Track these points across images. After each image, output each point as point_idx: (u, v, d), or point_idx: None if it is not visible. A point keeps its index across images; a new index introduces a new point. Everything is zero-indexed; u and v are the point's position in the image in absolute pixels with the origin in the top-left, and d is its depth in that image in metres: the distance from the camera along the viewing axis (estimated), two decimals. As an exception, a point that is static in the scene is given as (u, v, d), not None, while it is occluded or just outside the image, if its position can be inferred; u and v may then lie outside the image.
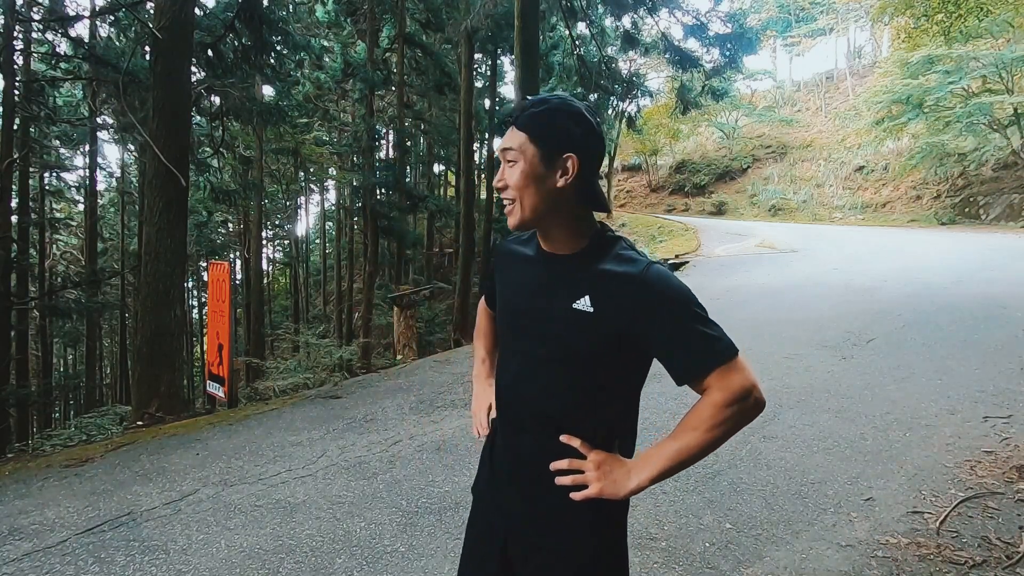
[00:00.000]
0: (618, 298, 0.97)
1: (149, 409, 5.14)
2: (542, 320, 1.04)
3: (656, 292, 0.96)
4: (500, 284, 1.19)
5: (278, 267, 30.14)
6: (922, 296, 7.04)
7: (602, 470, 1.00)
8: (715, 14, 10.87)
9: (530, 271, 1.10)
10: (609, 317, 0.98)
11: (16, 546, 2.59)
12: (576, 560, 1.04)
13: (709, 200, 28.69)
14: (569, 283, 1.02)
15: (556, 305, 1.02)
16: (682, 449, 0.98)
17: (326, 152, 18.81)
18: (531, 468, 1.06)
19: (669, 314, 0.96)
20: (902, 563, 2.25)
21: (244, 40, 8.26)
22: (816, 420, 3.69)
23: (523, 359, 1.08)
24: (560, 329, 1.01)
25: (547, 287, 1.05)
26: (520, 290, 1.11)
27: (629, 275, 0.98)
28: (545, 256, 1.08)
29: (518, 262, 1.15)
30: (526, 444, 1.08)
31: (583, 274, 1.02)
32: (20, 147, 9.28)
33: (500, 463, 1.15)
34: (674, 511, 2.67)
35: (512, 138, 1.01)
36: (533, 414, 1.06)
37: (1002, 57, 15.82)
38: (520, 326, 1.09)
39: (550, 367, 1.04)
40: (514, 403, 1.10)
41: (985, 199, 18.33)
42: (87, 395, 16.66)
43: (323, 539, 2.55)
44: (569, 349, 1.01)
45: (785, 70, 41.38)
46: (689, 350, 0.96)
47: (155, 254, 5.45)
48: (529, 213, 1.02)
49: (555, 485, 1.02)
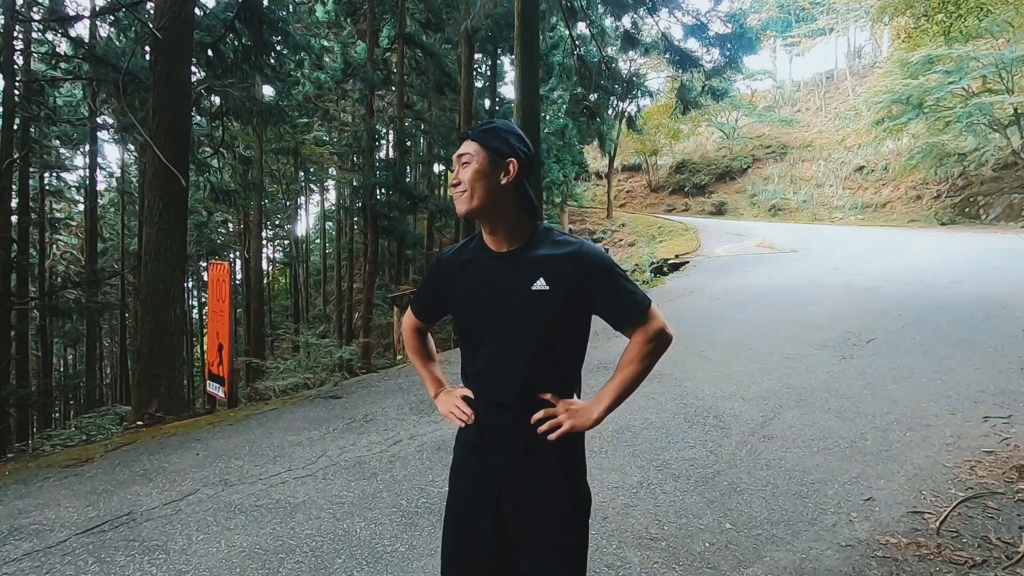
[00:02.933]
0: (565, 272, 1.25)
1: (149, 409, 5.14)
2: (509, 307, 1.27)
3: (592, 262, 1.27)
4: (452, 291, 1.38)
5: (278, 267, 30.12)
6: (922, 296, 7.04)
7: (570, 411, 1.28)
8: (715, 14, 10.87)
9: (484, 270, 1.32)
10: (561, 289, 1.25)
11: (16, 546, 2.59)
12: (557, 502, 1.30)
13: (709, 200, 28.69)
14: (523, 271, 1.27)
15: (518, 292, 1.26)
16: (623, 381, 1.30)
17: (326, 152, 18.82)
18: (515, 432, 1.29)
19: (604, 278, 1.27)
20: (902, 563, 2.25)
21: (244, 40, 8.26)
22: (816, 420, 3.69)
23: (496, 344, 1.29)
24: (526, 310, 1.26)
25: (505, 279, 1.28)
26: (480, 288, 1.31)
27: (570, 253, 1.27)
28: (494, 255, 1.32)
29: (465, 268, 1.36)
30: (508, 413, 1.29)
31: (533, 261, 1.27)
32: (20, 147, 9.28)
33: (488, 435, 1.33)
34: (674, 511, 2.67)
35: (467, 146, 1.29)
36: (512, 385, 1.28)
37: (1002, 57, 15.81)
38: (489, 317, 1.29)
39: (522, 343, 1.26)
40: (494, 382, 1.30)
41: (985, 199, 18.32)
42: (87, 395, 16.66)
43: (323, 539, 2.55)
44: (537, 324, 1.25)
45: (785, 70, 41.44)
46: (622, 304, 1.29)
47: (155, 254, 5.45)
48: (476, 203, 1.27)
49: (537, 445, 1.28)
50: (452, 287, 1.38)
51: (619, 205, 31.02)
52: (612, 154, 26.62)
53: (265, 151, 15.72)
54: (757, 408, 3.94)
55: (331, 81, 14.78)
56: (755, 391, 4.27)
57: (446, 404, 1.44)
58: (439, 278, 1.42)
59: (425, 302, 1.51)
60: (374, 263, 14.10)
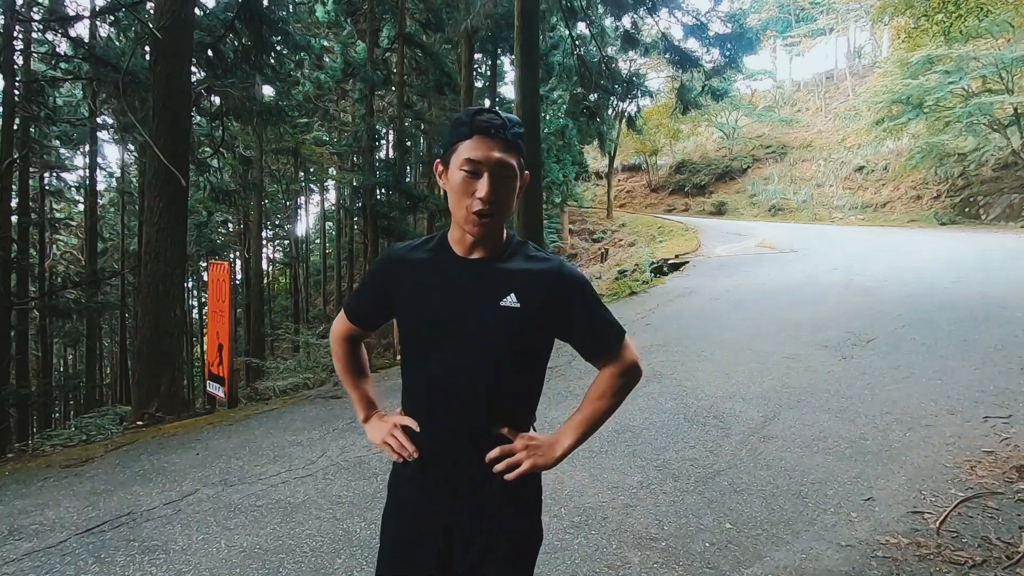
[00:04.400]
0: (539, 291, 1.11)
1: (149, 409, 5.14)
2: (471, 321, 1.10)
3: (571, 284, 1.14)
4: (403, 294, 1.17)
5: (278, 267, 30.12)
6: (922, 296, 7.04)
7: (529, 448, 1.13)
8: (715, 14, 10.88)
9: (445, 275, 1.13)
10: (534, 309, 1.10)
11: (16, 546, 2.59)
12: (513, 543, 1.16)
13: (709, 200, 28.69)
14: (492, 283, 1.11)
15: (484, 305, 1.10)
16: (592, 417, 1.18)
17: (326, 152, 18.81)
18: (468, 467, 1.13)
19: (582, 302, 1.15)
20: (902, 563, 2.25)
21: (244, 40, 8.27)
22: (816, 420, 3.69)
23: (452, 363, 1.11)
24: (491, 327, 1.10)
25: (471, 290, 1.12)
26: (438, 295, 1.13)
27: (547, 270, 1.13)
28: (460, 260, 1.14)
29: (421, 269, 1.16)
30: (460, 445, 1.13)
31: (504, 274, 1.12)
32: (20, 147, 9.28)
33: (434, 470, 1.15)
34: (674, 511, 2.67)
35: (508, 155, 1.06)
36: (467, 413, 1.12)
37: (1002, 57, 15.81)
38: (446, 331, 1.11)
39: (483, 365, 1.10)
40: (447, 408, 1.13)
41: (985, 199, 18.32)
42: (87, 395, 16.65)
43: (323, 539, 2.55)
44: (501, 344, 1.10)
45: (785, 70, 41.43)
46: (598, 333, 1.17)
47: (155, 254, 5.45)
48: (499, 227, 1.11)
49: (491, 481, 1.12)
50: (403, 289, 1.17)
51: (619, 205, 31.02)
52: (612, 154, 26.62)
53: (265, 151, 15.73)
54: (757, 408, 3.94)
55: (331, 81, 14.78)
56: (755, 391, 4.27)
57: (379, 431, 1.22)
58: (387, 276, 1.20)
59: (365, 303, 1.27)
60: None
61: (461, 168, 1.06)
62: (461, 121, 1.08)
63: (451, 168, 1.09)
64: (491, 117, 1.05)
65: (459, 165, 1.06)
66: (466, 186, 1.06)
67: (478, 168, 1.05)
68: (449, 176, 1.10)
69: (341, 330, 1.31)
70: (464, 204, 1.06)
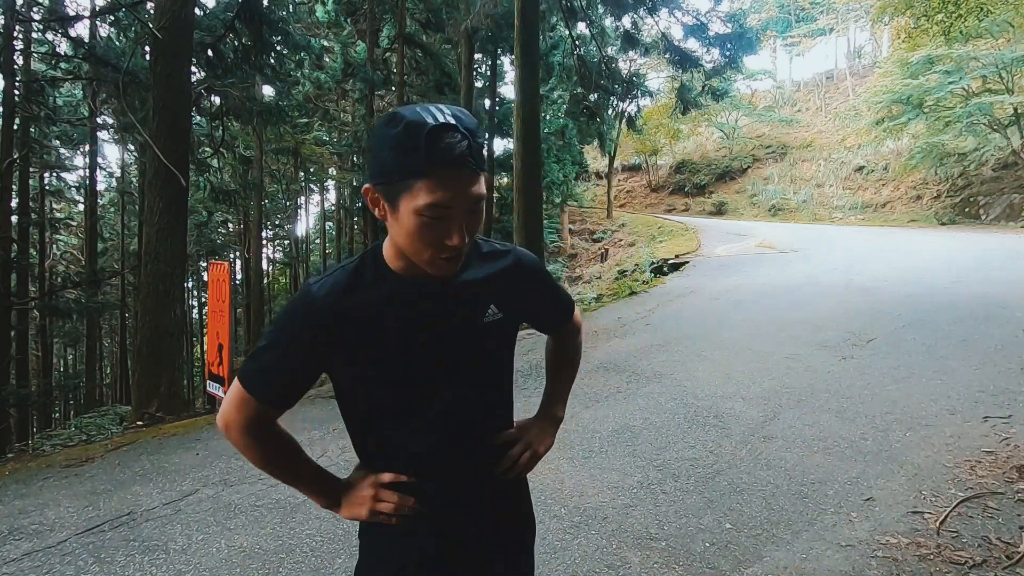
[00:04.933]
0: (511, 290, 1.02)
1: (149, 409, 5.14)
2: (460, 352, 0.96)
3: (532, 270, 1.07)
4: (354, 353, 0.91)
5: (278, 267, 30.14)
6: (922, 296, 7.04)
7: (533, 437, 1.11)
8: (715, 14, 10.89)
9: (411, 313, 0.92)
10: (512, 311, 1.03)
11: (16, 546, 2.59)
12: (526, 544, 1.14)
13: (709, 200, 28.68)
14: (467, 302, 0.96)
15: (467, 330, 0.96)
16: (567, 382, 1.22)
17: (326, 152, 18.82)
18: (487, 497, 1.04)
19: (543, 283, 1.11)
20: (902, 563, 2.25)
21: (244, 40, 8.27)
22: (816, 420, 3.69)
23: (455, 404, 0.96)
24: (481, 350, 0.99)
25: (445, 318, 0.94)
26: (411, 339, 0.92)
27: (510, 267, 1.03)
28: (421, 288, 0.92)
29: (366, 315, 0.90)
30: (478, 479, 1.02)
31: (471, 287, 0.96)
32: (20, 147, 9.29)
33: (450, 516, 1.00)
34: (674, 511, 2.67)
35: (480, 184, 0.84)
36: (477, 447, 1.01)
37: (1002, 57, 15.81)
38: (434, 376, 0.94)
39: (484, 393, 1.01)
40: (462, 452, 0.99)
41: (985, 199, 18.32)
42: (87, 395, 16.67)
43: (323, 539, 2.55)
44: (495, 362, 1.03)
45: (785, 70, 41.43)
46: (557, 307, 1.17)
47: (155, 254, 5.46)
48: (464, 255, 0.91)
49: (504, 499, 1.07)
50: (354, 347, 0.91)
51: (619, 205, 31.02)
52: (612, 154, 26.61)
53: (265, 151, 15.74)
54: (757, 408, 3.94)
55: (331, 81, 14.80)
56: (755, 391, 4.27)
57: (360, 504, 0.99)
58: (318, 338, 0.89)
59: (286, 379, 0.93)
60: (374, 263, 14.08)
61: (421, 213, 0.81)
62: (409, 146, 0.79)
63: (400, 208, 0.83)
64: (452, 139, 0.79)
65: (416, 210, 0.81)
66: (430, 231, 0.82)
67: (447, 213, 0.82)
68: (398, 216, 0.84)
69: (247, 419, 0.94)
70: (428, 249, 0.85)
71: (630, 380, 4.58)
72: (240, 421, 0.95)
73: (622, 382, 4.55)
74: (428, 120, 0.78)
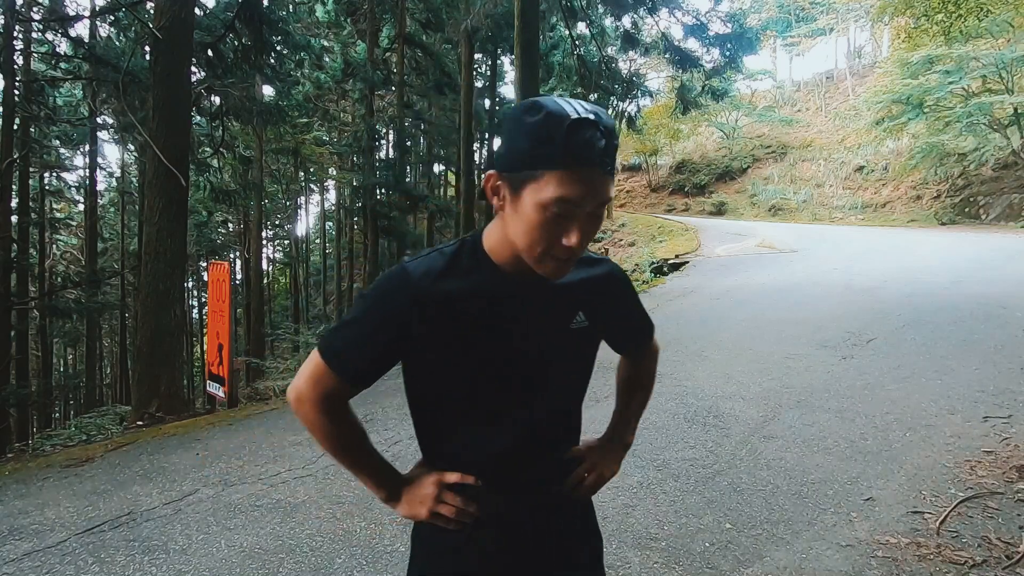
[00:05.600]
0: (602, 300, 1.00)
1: (149, 409, 5.14)
2: (547, 356, 0.93)
3: (624, 283, 1.05)
4: (442, 341, 0.88)
5: (278, 267, 30.16)
6: (922, 296, 7.04)
7: (594, 463, 1.05)
8: (715, 14, 10.89)
9: (504, 309, 0.89)
10: (600, 321, 1.00)
11: (16, 546, 2.59)
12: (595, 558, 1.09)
13: (709, 200, 28.67)
14: (558, 305, 0.94)
15: (556, 334, 0.94)
16: (639, 407, 1.18)
17: (326, 152, 18.84)
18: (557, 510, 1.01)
19: (630, 300, 1.09)
20: (902, 563, 2.25)
21: (244, 40, 8.27)
22: (816, 420, 3.69)
23: (530, 409, 0.94)
24: (567, 356, 0.96)
25: (537, 319, 0.92)
26: (503, 336, 0.90)
27: (603, 276, 1.01)
28: (518, 284, 0.89)
29: (460, 305, 0.87)
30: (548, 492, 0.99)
31: (563, 291, 0.93)
32: (20, 147, 9.29)
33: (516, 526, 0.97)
34: (674, 511, 2.67)
35: (606, 185, 0.80)
36: (550, 455, 0.98)
37: (1002, 57, 15.81)
38: (520, 377, 0.92)
39: (564, 401, 0.99)
40: (525, 459, 0.95)
41: (985, 199, 18.32)
42: (87, 395, 16.67)
43: (323, 539, 2.55)
44: (579, 372, 1.00)
45: (785, 70, 41.41)
46: (640, 326, 1.14)
47: (155, 254, 5.46)
48: None
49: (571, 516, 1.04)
50: (445, 334, 0.87)
51: (619, 205, 31.02)
52: (612, 154, 26.56)
53: (265, 151, 15.75)
54: (757, 408, 3.94)
55: (331, 81, 14.81)
56: (755, 391, 4.27)
57: (421, 502, 0.94)
58: (411, 319, 0.86)
59: (372, 355, 0.90)
60: (374, 263, 14.11)
61: (546, 207, 0.78)
62: (545, 136, 0.76)
63: (524, 199, 0.79)
64: (593, 137, 0.76)
65: (542, 203, 0.78)
66: (550, 227, 0.79)
67: (572, 211, 0.78)
68: (519, 207, 0.81)
69: (323, 393, 0.91)
70: (543, 245, 0.81)
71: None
72: (315, 395, 0.91)
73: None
74: (570, 112, 0.76)
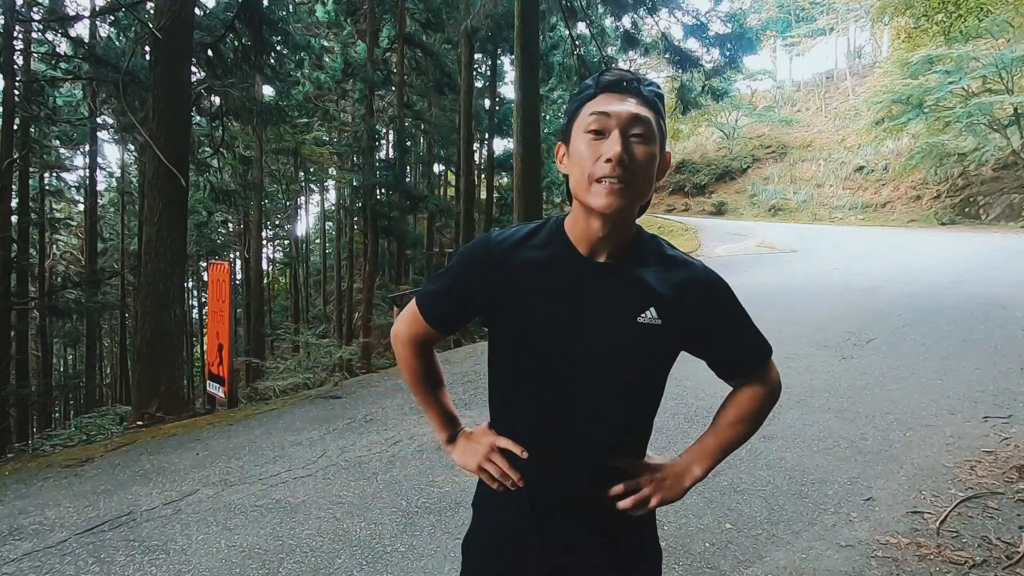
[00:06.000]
0: (685, 306, 0.93)
1: (149, 409, 5.14)
2: (601, 341, 0.92)
3: (720, 294, 0.97)
4: (512, 297, 0.93)
5: (278, 267, 30.14)
6: (922, 296, 7.04)
7: (656, 481, 0.98)
8: (715, 14, 10.88)
9: (571, 281, 0.92)
10: (677, 325, 0.93)
11: (16, 546, 2.59)
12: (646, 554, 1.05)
13: (709, 200, 28.67)
14: (627, 295, 0.92)
15: (618, 322, 0.92)
16: (729, 443, 1.01)
17: (326, 152, 18.82)
18: (590, 504, 0.98)
19: (732, 317, 0.99)
20: (902, 563, 2.25)
21: (244, 40, 8.26)
22: (816, 420, 3.69)
23: (578, 388, 0.93)
24: (625, 348, 0.92)
25: (602, 302, 0.92)
26: (560, 309, 0.92)
27: (691, 279, 0.95)
28: (588, 264, 0.92)
29: (531, 271, 0.93)
30: (578, 477, 0.96)
31: (639, 282, 0.93)
32: (20, 147, 9.28)
33: (547, 507, 0.98)
34: (674, 511, 2.67)
35: (641, 108, 0.86)
36: (597, 447, 0.95)
37: (1002, 57, 15.81)
38: (572, 350, 0.92)
39: (617, 392, 0.94)
40: (570, 440, 0.95)
41: (985, 199, 18.32)
42: (87, 395, 16.66)
43: (323, 539, 2.55)
44: (639, 367, 0.94)
45: (785, 70, 41.41)
46: (745, 348, 1.00)
47: (155, 254, 5.45)
48: (633, 204, 0.88)
49: (616, 518, 0.98)
50: (511, 295, 0.93)
51: (619, 205, 30.96)
52: (612, 154, 26.57)
53: (265, 151, 15.73)
54: (757, 408, 3.93)
55: (331, 81, 14.80)
56: (755, 391, 4.26)
57: (471, 454, 1.02)
58: (486, 274, 0.95)
59: (450, 303, 1.01)
60: (374, 263, 14.11)
61: (587, 129, 0.86)
62: (586, 85, 0.91)
63: (574, 136, 0.89)
64: (621, 72, 0.88)
65: (584, 127, 0.86)
66: (591, 148, 0.85)
67: (606, 124, 0.85)
68: (571, 148, 0.89)
69: (413, 332, 1.05)
70: (587, 172, 0.85)
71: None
72: (406, 333, 1.07)
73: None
74: None
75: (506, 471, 0.97)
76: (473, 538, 1.07)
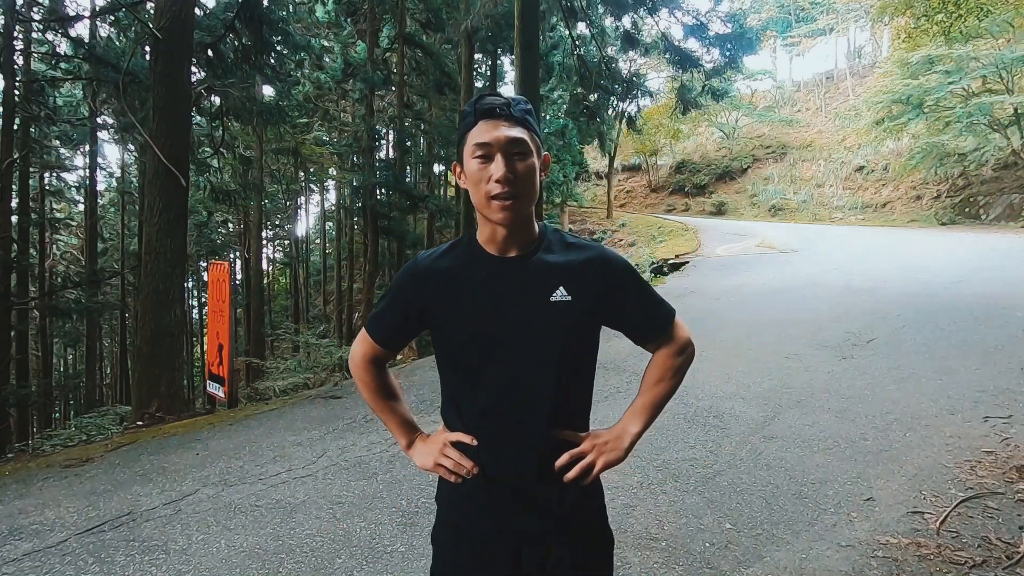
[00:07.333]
0: (588, 281, 1.07)
1: (149, 409, 5.14)
2: (523, 324, 1.05)
3: (619, 268, 1.11)
4: (440, 306, 1.08)
5: (278, 267, 30.13)
6: (922, 296, 7.04)
7: (598, 446, 1.08)
8: (715, 14, 10.89)
9: (486, 279, 1.06)
10: (585, 300, 1.06)
11: (16, 546, 2.59)
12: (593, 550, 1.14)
13: (709, 200, 28.68)
14: (537, 279, 1.06)
15: (534, 304, 1.05)
16: (655, 401, 1.13)
17: (326, 152, 18.82)
18: (535, 476, 1.07)
19: (632, 286, 1.12)
20: (902, 563, 2.25)
21: (244, 40, 8.27)
22: (816, 420, 3.69)
23: (512, 370, 1.05)
24: (545, 325, 1.05)
25: (516, 290, 1.06)
26: (484, 301, 1.06)
27: (592, 259, 1.09)
28: (497, 260, 1.07)
29: (456, 277, 1.08)
30: (531, 456, 1.06)
31: (548, 267, 1.07)
32: (20, 147, 9.28)
33: (498, 486, 1.08)
34: (674, 511, 2.67)
35: (518, 131, 1.01)
36: (537, 421, 1.05)
37: (1002, 57, 15.81)
38: (499, 338, 1.05)
39: (545, 367, 1.05)
40: (513, 419, 1.06)
41: (985, 199, 18.32)
42: (87, 395, 16.65)
43: (323, 539, 2.55)
44: (559, 341, 1.05)
45: (785, 70, 41.42)
46: (650, 314, 1.15)
47: (155, 254, 5.45)
48: (526, 209, 1.04)
49: (566, 491, 1.07)
50: (439, 301, 1.08)
51: (619, 205, 31.02)
52: (612, 154, 26.62)
53: (265, 151, 15.74)
54: (757, 408, 3.94)
55: (331, 81, 14.80)
56: (755, 391, 4.27)
57: (427, 454, 1.13)
58: (415, 290, 1.10)
59: (391, 323, 1.15)
60: (374, 263, 14.11)
61: (473, 156, 1.01)
62: (466, 112, 1.05)
63: (466, 161, 1.04)
64: (493, 99, 1.02)
65: (471, 154, 1.02)
66: (481, 173, 1.01)
67: (488, 151, 1.00)
68: (466, 170, 1.04)
69: (364, 353, 1.19)
70: (482, 192, 1.01)
71: (630, 380, 4.57)
72: (359, 355, 1.20)
73: (622, 382, 4.55)
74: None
75: (459, 461, 1.07)
76: (437, 531, 1.17)
